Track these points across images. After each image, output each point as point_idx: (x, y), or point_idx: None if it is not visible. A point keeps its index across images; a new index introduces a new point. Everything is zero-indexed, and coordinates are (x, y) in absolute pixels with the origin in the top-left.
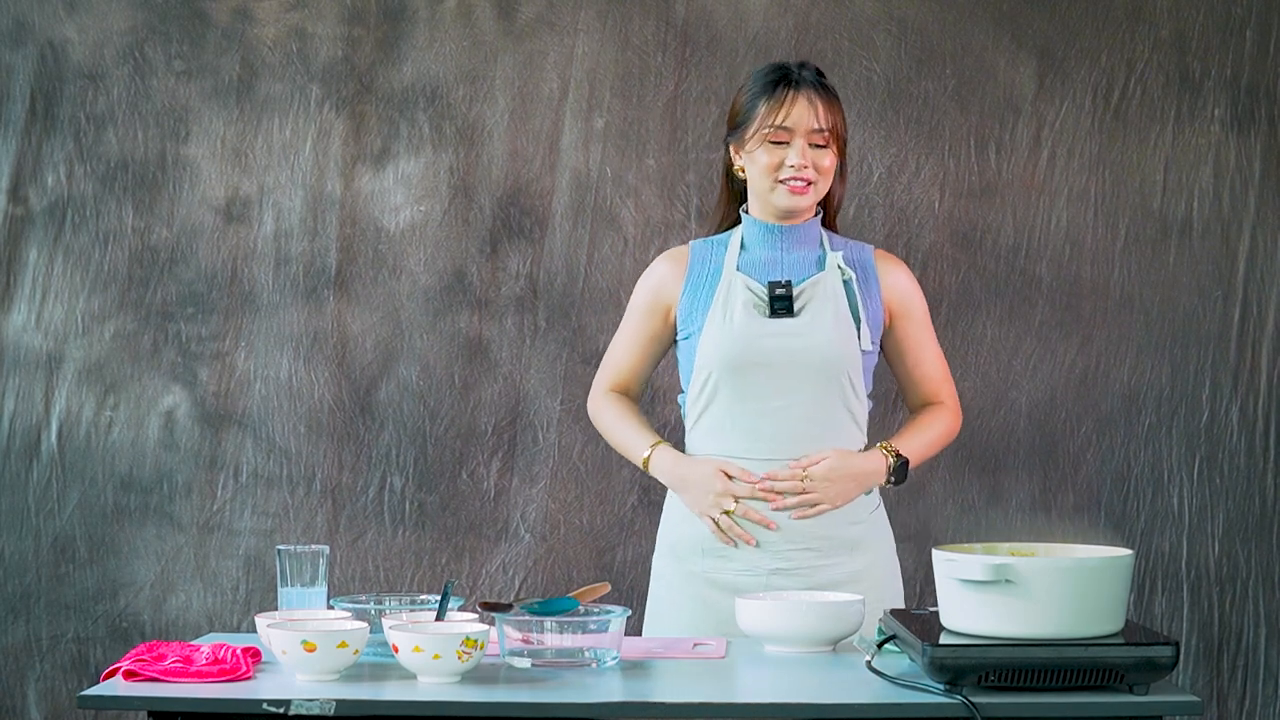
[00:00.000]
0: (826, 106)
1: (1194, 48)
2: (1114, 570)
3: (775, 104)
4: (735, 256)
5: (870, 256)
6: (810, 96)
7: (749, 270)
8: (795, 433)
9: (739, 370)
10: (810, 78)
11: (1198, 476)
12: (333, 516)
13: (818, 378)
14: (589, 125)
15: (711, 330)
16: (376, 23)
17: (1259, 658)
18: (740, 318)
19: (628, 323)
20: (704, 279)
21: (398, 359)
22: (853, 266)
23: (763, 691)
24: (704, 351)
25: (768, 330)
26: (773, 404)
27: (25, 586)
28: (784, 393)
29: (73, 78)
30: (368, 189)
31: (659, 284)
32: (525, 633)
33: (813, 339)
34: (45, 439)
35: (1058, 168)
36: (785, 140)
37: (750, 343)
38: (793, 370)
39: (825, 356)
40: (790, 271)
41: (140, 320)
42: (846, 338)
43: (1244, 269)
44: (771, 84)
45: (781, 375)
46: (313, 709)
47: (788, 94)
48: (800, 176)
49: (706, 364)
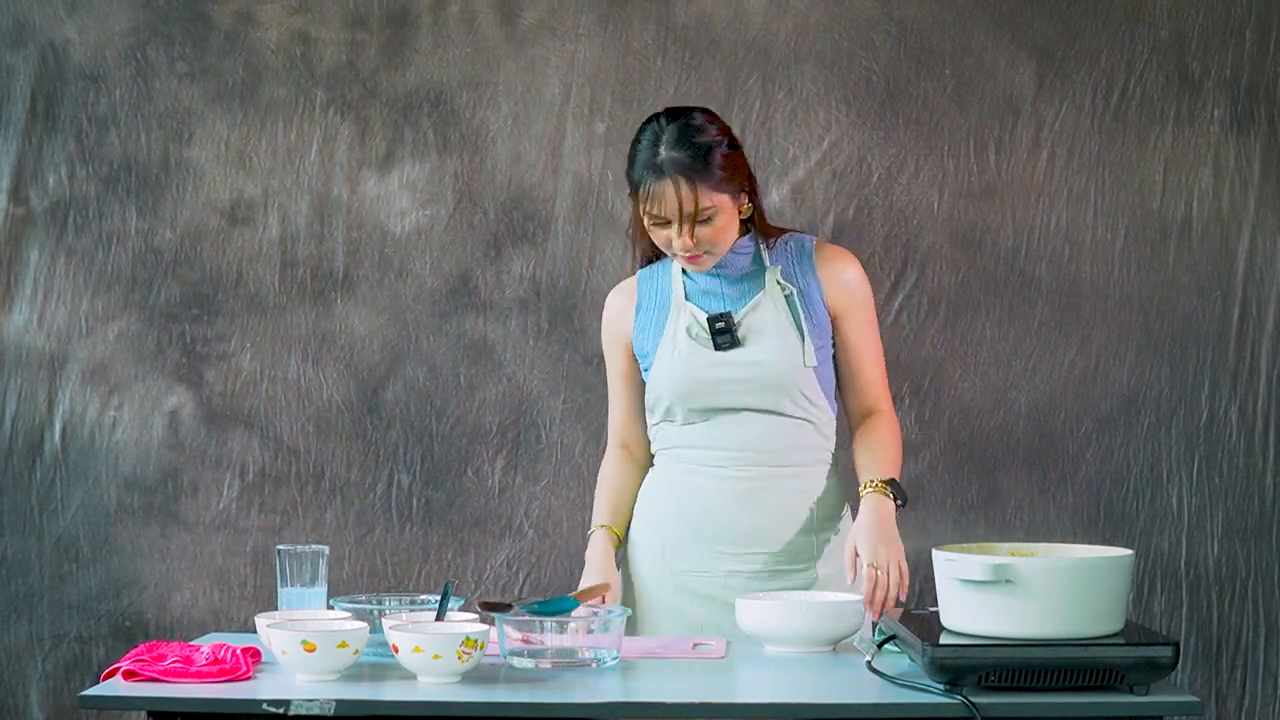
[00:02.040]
0: (696, 187)
1: (1193, 48)
2: (1114, 570)
3: (645, 196)
4: (680, 283)
5: (811, 253)
6: (677, 182)
7: (696, 298)
8: (753, 444)
9: (691, 400)
10: (678, 158)
11: (1197, 476)
12: (341, 513)
13: (768, 398)
14: (590, 129)
15: (662, 362)
16: (380, 27)
17: (1258, 657)
18: (685, 350)
19: (607, 367)
20: (653, 310)
21: (404, 360)
22: (792, 277)
23: (763, 691)
24: (655, 382)
25: (714, 360)
26: (728, 422)
27: (28, 586)
28: (738, 413)
29: (74, 79)
30: (373, 193)
31: (614, 321)
32: (525, 633)
33: (756, 368)
34: (48, 439)
35: (1057, 168)
36: (667, 222)
37: (697, 373)
38: (742, 395)
39: (771, 381)
40: (734, 298)
41: (144, 321)
42: (792, 358)
43: (1243, 269)
44: (640, 170)
45: (732, 400)
46: (313, 709)
47: (653, 186)
48: (687, 256)
49: (659, 395)
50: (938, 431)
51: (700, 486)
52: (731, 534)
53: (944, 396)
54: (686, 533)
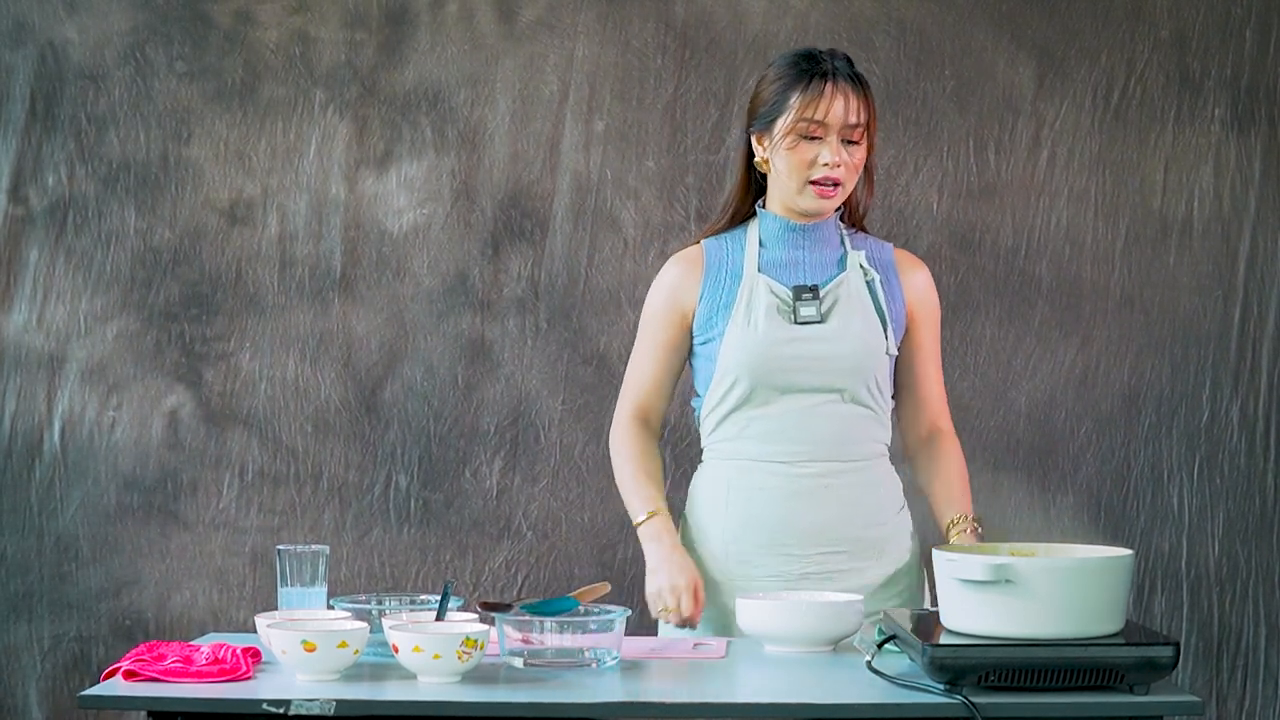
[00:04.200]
0: (861, 101)
1: (1194, 48)
2: (1114, 570)
3: (810, 97)
4: (755, 255)
5: (891, 256)
6: (845, 90)
7: (770, 271)
8: (819, 436)
9: (764, 376)
10: (844, 69)
11: (1198, 476)
12: (339, 514)
13: (845, 382)
14: (589, 128)
15: (734, 335)
16: (378, 26)
17: (1259, 658)
18: (764, 323)
19: (645, 335)
20: (722, 280)
21: (402, 360)
22: (875, 266)
23: (763, 691)
24: (727, 357)
25: (794, 335)
26: (797, 409)
27: (28, 586)
28: (809, 398)
29: (73, 78)
30: (371, 192)
31: (675, 289)
32: (525, 633)
33: (840, 345)
34: (48, 439)
35: (1057, 168)
36: (819, 135)
37: (776, 349)
38: (819, 376)
39: (853, 363)
40: (812, 273)
41: (143, 321)
42: (875, 341)
43: (1244, 269)
44: (805, 75)
45: (807, 381)
46: (313, 709)
47: (824, 87)
48: (831, 177)
49: (729, 370)
50: None
51: (764, 485)
52: (798, 535)
53: None
54: (751, 536)
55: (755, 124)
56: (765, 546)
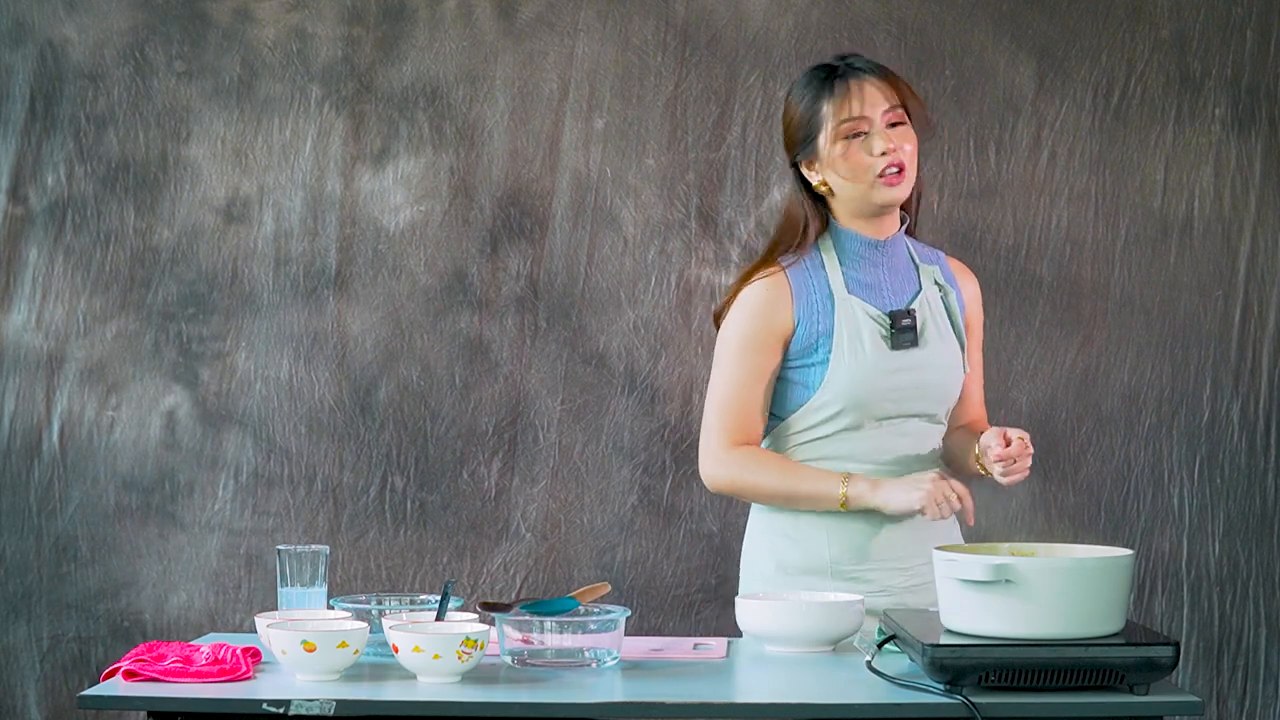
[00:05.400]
0: (889, 83)
1: (1194, 47)
2: (1114, 570)
3: (841, 98)
4: (840, 277)
5: (946, 265)
6: (871, 79)
7: (859, 293)
8: (904, 455)
9: (869, 407)
10: (862, 64)
11: (1198, 476)
12: (334, 516)
13: (935, 409)
14: (589, 125)
15: (843, 362)
16: (376, 22)
17: (1259, 658)
18: (872, 351)
19: (740, 363)
20: (815, 304)
21: (398, 359)
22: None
23: (763, 691)
24: (835, 383)
25: (897, 365)
26: (892, 433)
27: (26, 586)
28: (900, 422)
29: (73, 78)
30: (368, 189)
31: (770, 314)
32: (525, 633)
33: (935, 373)
34: (46, 439)
35: (1058, 168)
36: (865, 130)
37: (884, 378)
38: (916, 404)
39: (945, 390)
40: (896, 293)
41: (141, 320)
42: (958, 363)
43: (1244, 269)
44: (828, 81)
45: (903, 406)
46: (313, 709)
47: (849, 84)
48: (893, 163)
49: (834, 397)
50: None
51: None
52: (896, 551)
53: None
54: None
55: (798, 152)
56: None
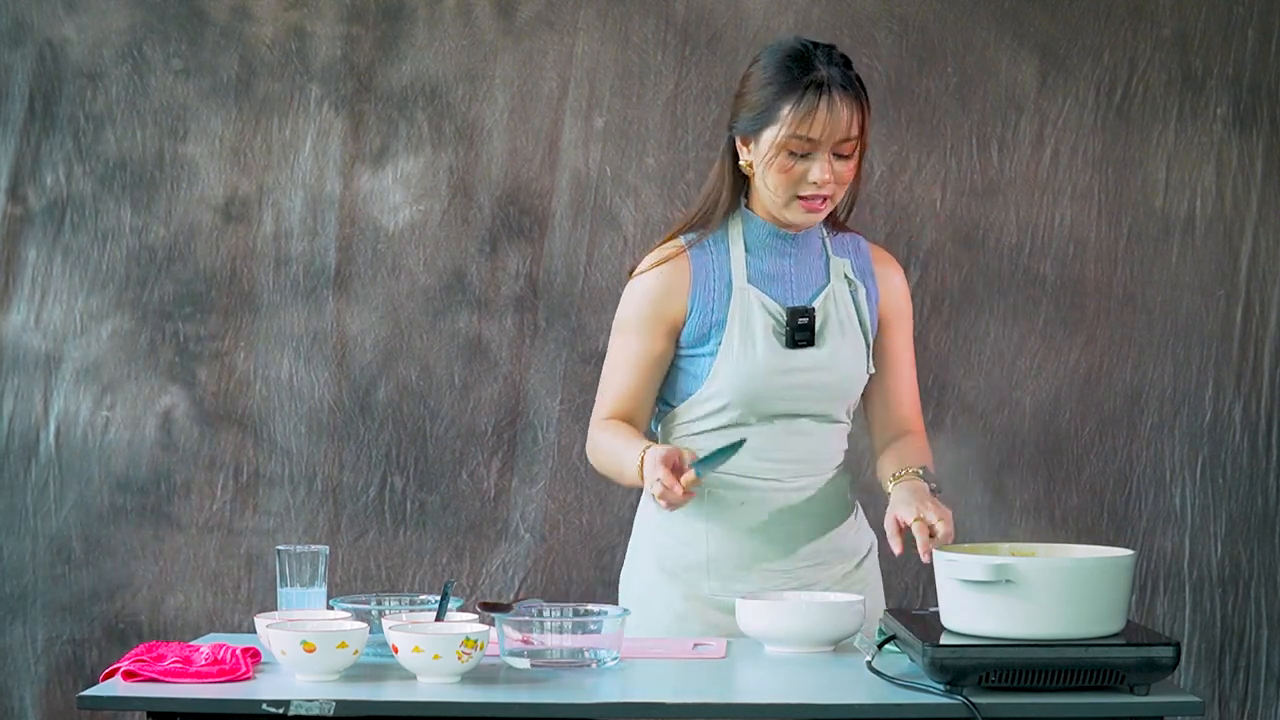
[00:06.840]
0: (856, 111)
1: (1196, 46)
2: (1114, 570)
3: (803, 113)
4: (742, 264)
5: (868, 256)
6: (840, 102)
7: (760, 284)
8: (797, 454)
9: (757, 404)
10: (839, 76)
11: (1200, 476)
12: (334, 516)
13: (830, 408)
14: (589, 124)
15: (730, 358)
16: (375, 21)
17: (1261, 658)
18: (763, 348)
19: (625, 345)
20: (711, 289)
21: (397, 359)
22: (856, 274)
23: (763, 691)
24: (721, 378)
25: (790, 364)
26: (782, 432)
27: (22, 587)
28: (794, 421)
29: (71, 77)
30: (367, 188)
31: (662, 298)
32: (525, 633)
33: (831, 373)
34: (43, 439)
35: (1060, 166)
36: (809, 151)
37: (773, 377)
38: (809, 404)
39: (842, 390)
40: (800, 286)
41: (138, 320)
42: (860, 366)
43: (1246, 268)
44: (798, 84)
45: (794, 405)
46: (312, 709)
47: (817, 101)
48: (821, 194)
49: (722, 393)
50: (941, 431)
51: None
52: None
53: (948, 396)
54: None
55: (740, 126)
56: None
